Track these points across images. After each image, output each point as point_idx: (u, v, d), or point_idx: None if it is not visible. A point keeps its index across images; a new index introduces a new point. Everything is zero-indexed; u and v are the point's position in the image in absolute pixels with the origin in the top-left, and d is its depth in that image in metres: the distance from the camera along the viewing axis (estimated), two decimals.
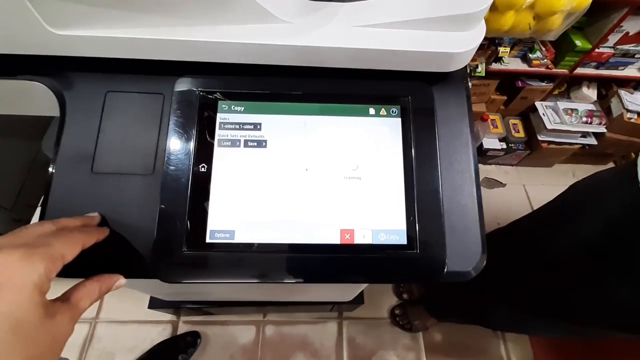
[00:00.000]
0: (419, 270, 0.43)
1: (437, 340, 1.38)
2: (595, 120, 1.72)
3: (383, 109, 0.46)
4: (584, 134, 1.78)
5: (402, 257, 0.43)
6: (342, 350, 1.34)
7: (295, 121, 0.45)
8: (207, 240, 0.41)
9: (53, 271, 0.28)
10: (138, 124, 0.43)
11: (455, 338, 1.35)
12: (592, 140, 1.78)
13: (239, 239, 0.41)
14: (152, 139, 0.43)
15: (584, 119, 1.72)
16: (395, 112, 0.46)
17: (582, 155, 1.88)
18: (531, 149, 1.85)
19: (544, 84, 1.70)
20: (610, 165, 2.02)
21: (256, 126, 0.44)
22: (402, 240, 0.43)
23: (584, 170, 1.99)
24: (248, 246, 0.42)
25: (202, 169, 0.43)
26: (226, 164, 0.43)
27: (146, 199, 0.42)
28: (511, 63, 1.59)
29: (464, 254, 0.44)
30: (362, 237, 0.42)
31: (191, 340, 1.24)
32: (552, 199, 0.82)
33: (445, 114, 0.48)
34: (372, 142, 0.45)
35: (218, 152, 0.43)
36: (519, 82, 1.69)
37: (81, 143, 0.42)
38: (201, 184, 0.42)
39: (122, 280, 0.36)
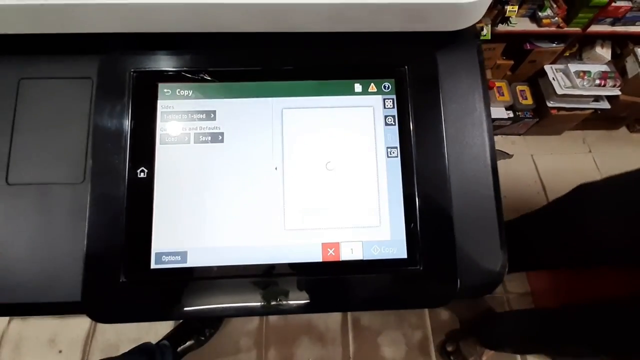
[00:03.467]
0: (424, 291, 0.33)
1: (444, 318, 1.35)
2: (610, 83, 1.61)
3: (372, 84, 0.35)
4: (597, 98, 1.67)
5: (401, 275, 0.33)
6: (348, 332, 1.34)
7: (259, 106, 0.36)
8: (152, 265, 0.33)
9: None
10: (62, 119, 0.36)
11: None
12: (605, 104, 1.67)
13: (193, 262, 0.33)
14: (81, 136, 0.36)
15: (597, 82, 1.61)
16: (388, 87, 0.35)
17: (593, 120, 1.78)
18: (540, 116, 1.74)
19: (554, 45, 1.57)
20: (623, 129, 1.90)
21: (209, 115, 0.35)
22: (401, 253, 0.34)
23: (595, 136, 1.89)
24: (205, 271, 0.33)
25: (141, 173, 0.34)
26: (172, 165, 0.34)
27: (76, 215, 0.35)
28: (519, 23, 1.46)
29: (480, 263, 0.35)
30: (350, 252, 0.34)
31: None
32: (557, 196, 0.72)
33: (452, 88, 0.37)
34: (359, 128, 0.35)
35: (161, 151, 0.34)
36: (527, 45, 1.57)
37: None
38: (141, 193, 0.33)
39: None
